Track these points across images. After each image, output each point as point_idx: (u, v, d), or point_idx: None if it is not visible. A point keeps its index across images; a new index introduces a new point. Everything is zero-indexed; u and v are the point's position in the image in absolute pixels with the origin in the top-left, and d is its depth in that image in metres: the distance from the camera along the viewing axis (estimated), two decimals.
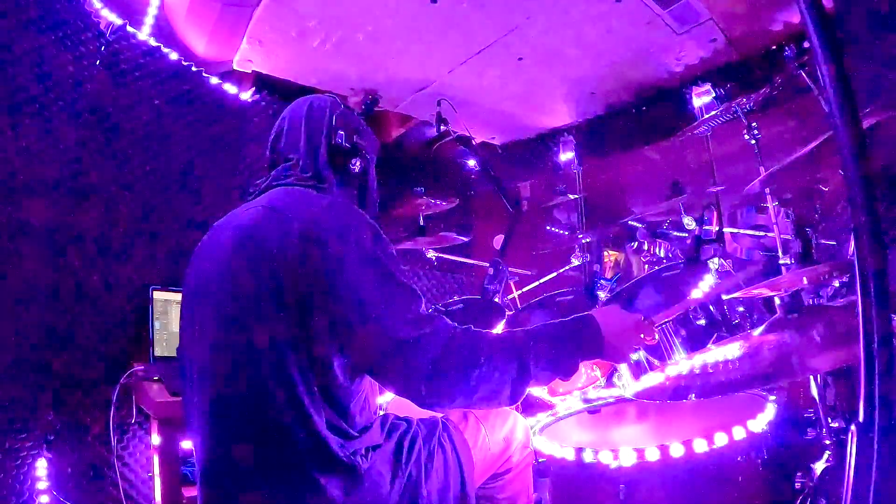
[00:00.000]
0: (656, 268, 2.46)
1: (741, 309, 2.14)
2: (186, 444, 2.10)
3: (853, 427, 0.68)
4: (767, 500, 1.39)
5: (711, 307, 1.85)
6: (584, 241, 3.28)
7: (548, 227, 3.88)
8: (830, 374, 1.79)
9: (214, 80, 2.93)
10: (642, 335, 1.33)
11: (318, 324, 1.16)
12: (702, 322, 1.84)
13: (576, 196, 3.44)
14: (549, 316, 2.73)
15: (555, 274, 3.50)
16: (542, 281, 3.52)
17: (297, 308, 1.16)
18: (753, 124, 2.40)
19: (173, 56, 2.74)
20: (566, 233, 3.76)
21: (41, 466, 2.14)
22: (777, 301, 1.60)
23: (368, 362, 1.19)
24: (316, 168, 1.42)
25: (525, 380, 1.19)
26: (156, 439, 2.15)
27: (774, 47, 2.89)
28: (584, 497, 1.49)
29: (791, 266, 1.92)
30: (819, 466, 1.59)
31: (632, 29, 2.81)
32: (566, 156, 3.51)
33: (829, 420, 1.73)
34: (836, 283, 1.84)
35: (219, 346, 1.24)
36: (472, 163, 3.87)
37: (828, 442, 1.69)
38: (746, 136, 2.40)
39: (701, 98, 2.88)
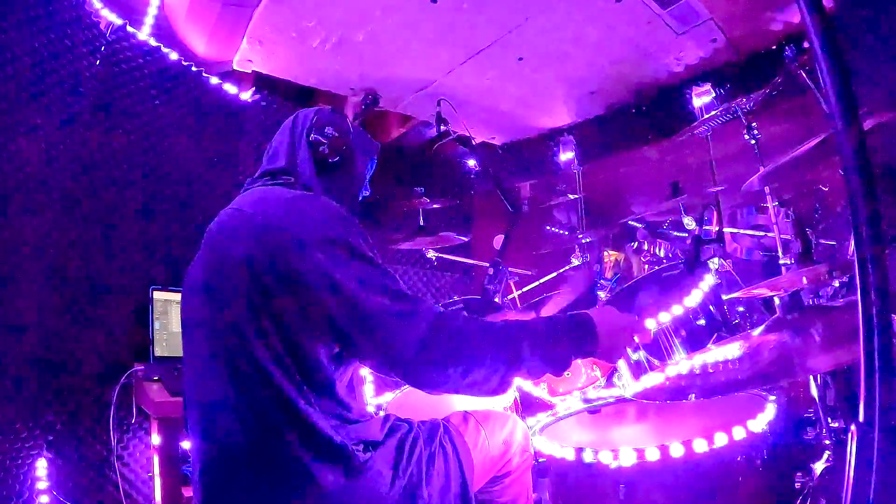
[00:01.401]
0: (656, 268, 2.46)
1: (741, 309, 2.13)
2: (186, 444, 2.11)
3: (853, 427, 0.68)
4: (767, 500, 1.39)
5: (711, 307, 1.85)
6: (584, 241, 3.28)
7: (548, 227, 3.87)
8: (830, 374, 1.79)
9: (214, 80, 2.94)
10: (636, 335, 1.34)
11: (290, 312, 1.17)
12: (702, 322, 1.84)
13: (576, 196, 3.44)
14: None
15: (555, 274, 3.50)
16: (542, 281, 3.52)
17: (267, 302, 1.17)
18: (753, 124, 2.39)
19: (173, 56, 2.75)
20: (566, 233, 3.76)
21: (41, 466, 2.14)
22: (777, 301, 1.60)
23: (350, 341, 1.17)
24: (292, 166, 1.44)
25: (515, 370, 1.18)
26: (156, 439, 2.15)
27: (774, 47, 2.89)
28: (584, 497, 1.49)
29: (791, 266, 1.92)
30: (819, 466, 1.59)
31: (632, 29, 2.81)
32: (566, 156, 3.50)
33: (829, 420, 1.73)
34: (836, 283, 1.84)
35: (204, 346, 1.26)
36: (472, 163, 3.87)
37: (828, 442, 1.69)
38: (746, 136, 2.40)
39: (701, 98, 2.88)
